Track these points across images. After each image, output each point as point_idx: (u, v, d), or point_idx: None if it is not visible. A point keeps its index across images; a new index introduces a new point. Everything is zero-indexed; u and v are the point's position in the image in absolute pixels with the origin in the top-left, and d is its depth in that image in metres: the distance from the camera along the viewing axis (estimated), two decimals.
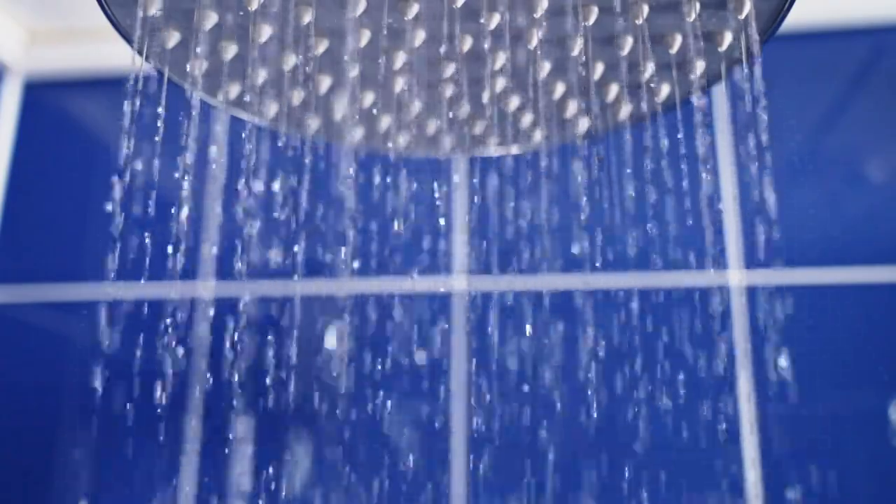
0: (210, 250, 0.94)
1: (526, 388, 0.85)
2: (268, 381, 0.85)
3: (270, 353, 0.86)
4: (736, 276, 0.87)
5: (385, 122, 0.54)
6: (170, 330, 0.84)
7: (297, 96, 0.50)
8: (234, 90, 0.50)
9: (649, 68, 0.48)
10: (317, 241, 0.88)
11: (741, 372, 0.84)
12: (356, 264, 0.88)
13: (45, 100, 1.06)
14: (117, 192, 0.56)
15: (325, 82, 0.50)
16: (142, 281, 0.86)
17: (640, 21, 0.43)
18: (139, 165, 0.58)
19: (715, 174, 0.90)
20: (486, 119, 0.54)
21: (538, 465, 0.84)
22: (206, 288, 0.93)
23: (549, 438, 0.84)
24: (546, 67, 0.48)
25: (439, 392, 0.87)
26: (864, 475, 0.82)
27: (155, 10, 0.42)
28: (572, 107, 0.52)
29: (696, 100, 0.50)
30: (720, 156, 0.91)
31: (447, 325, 0.89)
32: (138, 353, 0.85)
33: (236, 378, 0.86)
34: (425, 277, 0.90)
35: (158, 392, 0.83)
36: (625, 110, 0.52)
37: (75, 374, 0.92)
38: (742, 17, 0.43)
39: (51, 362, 0.97)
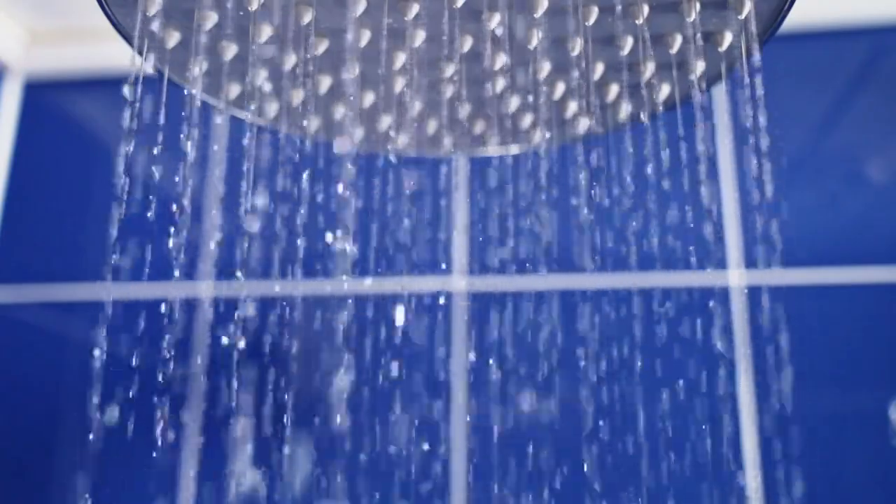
0: (210, 250, 0.94)
1: (526, 387, 0.85)
2: (267, 381, 0.85)
3: (270, 353, 0.86)
4: (736, 276, 0.87)
5: (385, 122, 0.54)
6: (170, 330, 0.84)
7: (297, 96, 0.50)
8: (234, 90, 0.50)
9: (649, 68, 0.48)
10: (317, 240, 0.88)
11: (741, 372, 0.84)
12: (356, 264, 0.88)
13: (45, 100, 1.06)
14: (117, 192, 0.56)
15: (325, 82, 0.50)
16: (142, 281, 0.86)
17: (640, 21, 0.43)
18: (139, 165, 0.58)
19: (715, 174, 0.90)
20: (486, 119, 0.54)
21: (538, 465, 0.84)
22: (206, 288, 0.93)
23: (550, 438, 0.84)
24: (546, 67, 0.48)
25: (439, 392, 0.87)
26: (864, 475, 0.82)
27: (155, 10, 0.42)
28: (572, 107, 0.52)
29: (697, 100, 0.50)
30: (720, 156, 0.91)
31: (447, 325, 0.89)
32: (138, 353, 0.85)
33: (236, 378, 0.86)
34: (425, 277, 0.90)
35: (158, 392, 0.83)
36: (625, 110, 0.52)
37: (75, 374, 0.92)
38: (742, 17, 0.43)
39: (51, 362, 0.97)
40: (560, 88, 0.51)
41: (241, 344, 0.87)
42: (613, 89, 0.51)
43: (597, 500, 0.81)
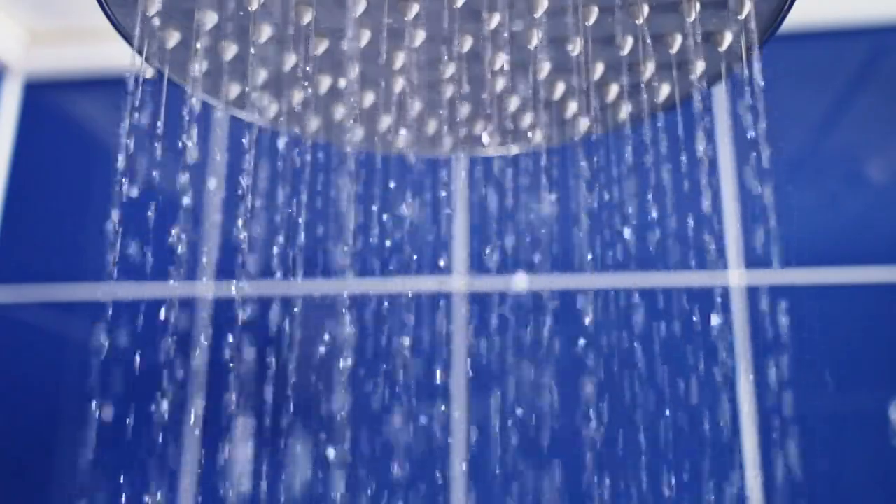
0: (210, 250, 0.94)
1: (526, 387, 0.85)
2: (268, 381, 0.85)
3: (270, 353, 0.86)
4: (736, 276, 0.87)
5: (385, 122, 0.54)
6: (170, 330, 0.84)
7: (297, 96, 0.50)
8: (234, 90, 0.50)
9: (649, 68, 0.48)
10: (317, 241, 0.88)
11: (741, 372, 0.84)
12: (356, 264, 0.88)
13: (45, 100, 1.06)
14: (117, 192, 0.56)
15: (325, 82, 0.50)
16: (142, 281, 0.86)
17: (640, 21, 0.43)
18: (139, 165, 0.58)
19: (715, 174, 0.90)
20: (486, 119, 0.54)
21: (538, 465, 0.84)
22: (206, 288, 0.93)
23: (550, 438, 0.84)
24: (546, 67, 0.48)
25: (439, 392, 0.87)
26: (864, 475, 0.82)
27: (155, 10, 0.42)
28: (572, 107, 0.52)
29: (696, 100, 0.50)
30: (720, 156, 0.91)
31: (447, 325, 0.89)
32: (138, 353, 0.85)
33: (236, 378, 0.86)
34: (425, 277, 0.90)
35: (158, 392, 0.83)
36: (625, 110, 0.52)
37: (75, 374, 0.92)
38: (742, 17, 0.43)
39: (51, 362, 0.97)
40: (560, 88, 0.51)
41: (241, 344, 0.87)
42: (613, 89, 0.51)
43: (597, 499, 0.81)
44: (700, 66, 0.47)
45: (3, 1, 1.01)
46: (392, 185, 0.82)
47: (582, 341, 0.85)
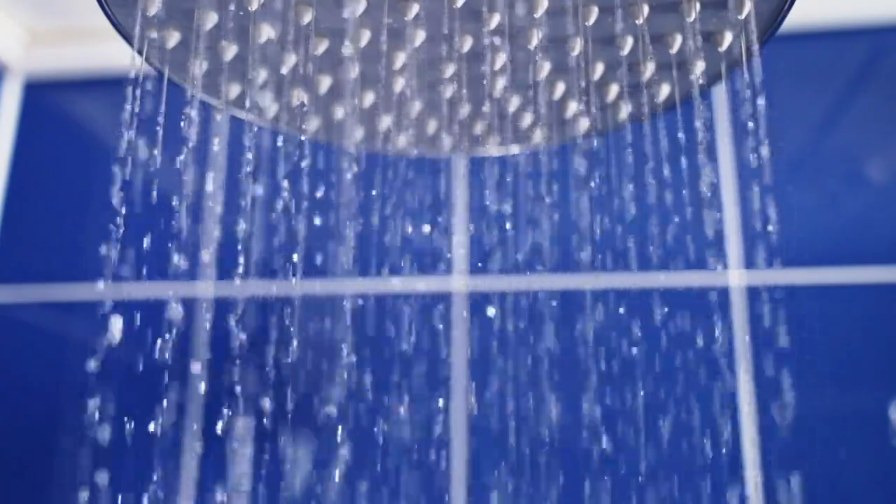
0: (210, 250, 0.94)
1: (526, 387, 0.85)
2: (268, 380, 0.85)
3: (270, 352, 0.86)
4: (736, 276, 0.87)
5: (385, 122, 0.54)
6: (170, 330, 0.84)
7: (297, 96, 0.50)
8: (234, 90, 0.50)
9: (649, 68, 0.48)
10: (317, 240, 0.88)
11: (741, 372, 0.84)
12: (356, 264, 0.88)
13: (45, 100, 1.06)
14: (117, 192, 0.56)
15: (325, 82, 0.50)
16: (142, 281, 0.86)
17: (640, 21, 0.43)
18: (139, 165, 0.58)
19: (715, 174, 0.90)
20: (486, 119, 0.54)
21: (538, 464, 0.84)
22: (206, 288, 0.93)
23: (549, 437, 0.84)
24: (546, 67, 0.48)
25: (439, 392, 0.87)
26: (864, 475, 0.82)
27: (155, 10, 0.42)
28: (572, 107, 0.52)
29: (697, 100, 0.50)
30: (720, 156, 0.91)
31: (447, 325, 0.89)
32: (138, 353, 0.85)
33: (236, 378, 0.86)
34: (425, 277, 0.90)
35: (158, 392, 0.83)
36: (625, 110, 0.52)
37: (75, 374, 0.92)
38: (742, 17, 0.43)
39: (51, 362, 0.97)
40: (560, 88, 0.51)
41: (242, 344, 0.87)
42: (613, 89, 0.51)
43: (597, 499, 0.81)
44: (700, 66, 0.47)
45: (3, 1, 1.01)
46: (392, 184, 0.82)
47: (581, 341, 0.85)
